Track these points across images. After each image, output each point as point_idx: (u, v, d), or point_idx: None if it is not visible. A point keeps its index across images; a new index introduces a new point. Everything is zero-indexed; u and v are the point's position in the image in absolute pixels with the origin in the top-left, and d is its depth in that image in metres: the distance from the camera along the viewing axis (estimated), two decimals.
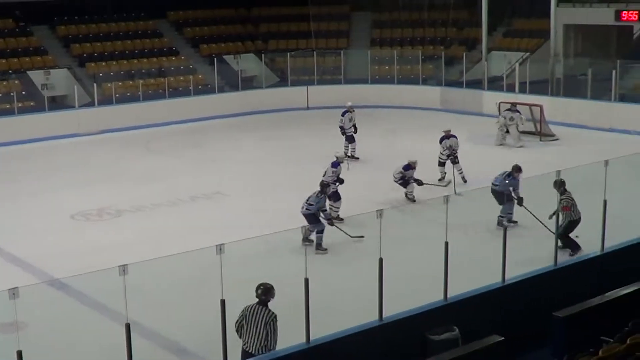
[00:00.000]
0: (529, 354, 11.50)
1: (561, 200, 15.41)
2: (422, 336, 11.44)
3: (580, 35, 38.66)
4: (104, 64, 35.24)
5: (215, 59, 35.39)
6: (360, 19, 42.14)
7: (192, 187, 22.16)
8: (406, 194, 20.00)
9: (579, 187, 18.14)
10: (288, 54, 37.17)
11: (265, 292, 10.25)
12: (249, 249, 13.51)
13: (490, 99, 31.75)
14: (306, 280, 10.43)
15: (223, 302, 9.95)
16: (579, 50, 38.39)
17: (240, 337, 10.40)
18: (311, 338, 10.61)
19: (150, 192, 21.73)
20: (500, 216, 17.03)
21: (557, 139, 27.59)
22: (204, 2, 40.36)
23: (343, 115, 25.56)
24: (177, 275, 14.27)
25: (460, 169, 22.03)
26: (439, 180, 21.93)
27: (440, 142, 22.69)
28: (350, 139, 25.52)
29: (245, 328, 10.32)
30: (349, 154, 25.22)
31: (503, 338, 10.77)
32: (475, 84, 34.66)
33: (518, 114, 27.09)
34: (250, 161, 25.70)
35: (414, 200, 19.73)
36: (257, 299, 10.31)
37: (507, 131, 27.02)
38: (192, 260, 12.78)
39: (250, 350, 10.29)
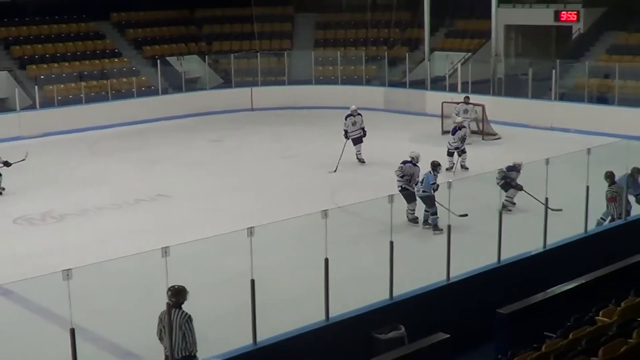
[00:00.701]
0: (474, 351, 11.62)
1: (607, 192, 16.04)
2: (368, 335, 11.51)
3: (521, 36, 39.23)
4: (45, 66, 34.81)
5: (158, 61, 35.15)
6: (304, 20, 42.18)
7: (137, 189, 22.02)
8: (507, 199, 18.41)
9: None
10: (232, 55, 37.09)
11: (176, 294, 9.97)
12: (195, 251, 13.49)
13: (433, 99, 32.02)
14: (252, 282, 10.43)
15: (169, 305, 9.92)
16: (520, 50, 38.93)
17: (162, 343, 10.28)
18: (258, 339, 10.62)
19: (94, 195, 21.54)
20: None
21: (499, 138, 27.92)
22: (147, 4, 40.08)
23: (346, 119, 25.07)
24: (122, 279, 14.20)
25: (465, 159, 23.15)
26: (447, 169, 22.49)
27: (454, 134, 23.33)
28: (356, 141, 24.95)
29: (164, 333, 10.15)
30: (358, 158, 24.93)
31: (448, 336, 10.88)
32: (419, 85, 34.91)
33: (472, 106, 27.46)
34: (195, 163, 25.61)
35: (513, 204, 18.50)
36: (169, 303, 10.03)
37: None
38: (137, 264, 12.70)
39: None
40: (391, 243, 11.80)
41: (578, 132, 27.55)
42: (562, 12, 35.76)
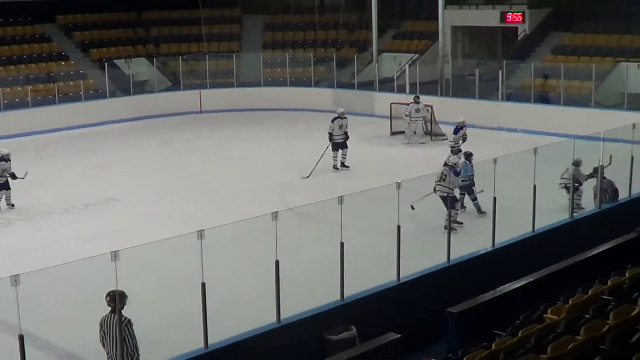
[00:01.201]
0: (425, 350, 11.69)
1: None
2: (320, 336, 11.55)
3: (468, 37, 39.56)
4: None
5: (106, 64, 34.92)
6: (252, 21, 42.12)
7: (86, 193, 21.82)
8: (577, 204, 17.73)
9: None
10: (180, 57, 36.90)
11: (115, 299, 9.88)
12: (145, 254, 13.40)
13: (382, 100, 32.16)
14: (203, 285, 10.41)
15: (119, 309, 9.86)
16: (467, 51, 39.25)
17: (104, 349, 10.21)
18: (209, 342, 10.60)
19: (42, 200, 21.29)
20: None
21: (447, 139, 28.09)
22: (94, 6, 39.67)
23: (333, 121, 24.52)
24: (71, 284, 14.06)
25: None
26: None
27: (456, 133, 23.63)
28: (341, 146, 24.33)
29: (105, 339, 10.11)
30: (339, 165, 24.29)
31: (399, 335, 10.95)
32: (367, 86, 35.06)
33: (422, 105, 27.66)
34: (145, 166, 25.47)
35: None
36: (109, 308, 10.00)
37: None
38: (86, 268, 12.60)
39: None
40: (341, 244, 11.86)
41: (525, 131, 27.86)
42: (508, 14, 36.12)
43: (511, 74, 32.73)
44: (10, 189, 20.62)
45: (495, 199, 14.25)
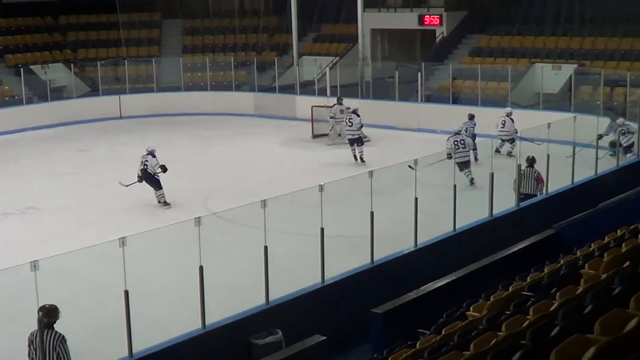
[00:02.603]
0: (351, 351, 11.79)
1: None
2: (246, 341, 11.55)
3: (387, 39, 39.90)
4: None
5: (22, 69, 34.26)
6: (171, 26, 41.85)
7: (3, 202, 21.41)
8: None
9: (390, 186, 18.76)
10: (98, 62, 36.45)
11: (48, 314, 9.59)
12: (66, 263, 13.23)
13: (303, 104, 32.25)
14: (126, 292, 10.34)
15: (41, 322, 9.70)
16: (386, 54, 39.58)
17: None
18: (134, 350, 10.52)
19: None
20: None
21: (368, 140, 28.27)
22: (9, 11, 38.95)
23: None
24: None
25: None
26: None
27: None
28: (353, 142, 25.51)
29: (35, 356, 9.74)
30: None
31: (325, 337, 11.02)
32: (288, 89, 35.10)
33: (345, 106, 27.82)
34: (64, 173, 25.09)
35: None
36: (39, 323, 9.66)
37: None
38: (5, 279, 12.37)
39: None
40: (265, 248, 11.87)
41: (444, 132, 28.14)
42: (426, 16, 36.54)
43: (430, 76, 33.13)
44: None
45: (416, 199, 14.40)
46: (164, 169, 20.68)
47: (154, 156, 20.86)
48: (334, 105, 28.21)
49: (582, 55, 31.73)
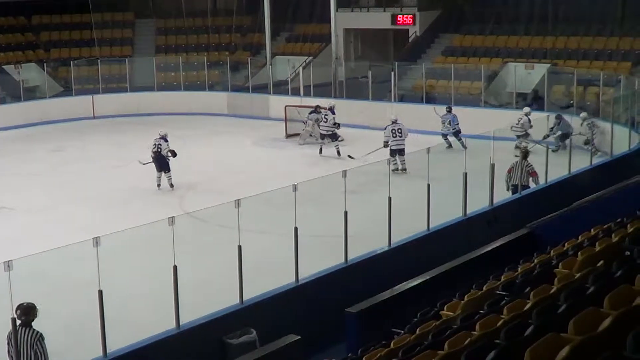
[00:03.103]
0: (326, 350, 11.78)
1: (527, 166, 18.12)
2: (220, 341, 11.53)
3: (360, 39, 39.97)
4: None
5: None
6: (144, 26, 41.70)
7: None
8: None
9: (364, 185, 18.80)
10: (71, 62, 36.28)
11: (26, 312, 9.67)
12: (40, 263, 13.14)
13: (277, 103, 32.23)
14: (100, 292, 10.29)
15: (14, 320, 9.66)
16: (360, 54, 39.65)
17: None
18: (108, 350, 10.47)
19: None
20: None
21: (341, 140, 28.28)
22: None
23: (385, 128, 24.87)
24: None
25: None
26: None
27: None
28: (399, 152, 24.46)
29: (13, 354, 9.75)
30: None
31: (300, 337, 11.02)
32: (261, 89, 35.06)
33: (321, 114, 27.84)
34: (37, 174, 24.89)
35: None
36: (13, 322, 9.68)
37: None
38: None
39: None
40: (239, 247, 11.86)
41: (418, 132, 28.19)
42: (399, 16, 36.62)
43: (403, 76, 33.19)
44: None
45: (390, 199, 14.42)
46: (173, 153, 22.40)
47: (166, 140, 22.57)
48: (312, 113, 28.00)
49: (555, 54, 31.93)
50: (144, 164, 22.53)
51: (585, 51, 31.58)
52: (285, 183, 13.50)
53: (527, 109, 25.65)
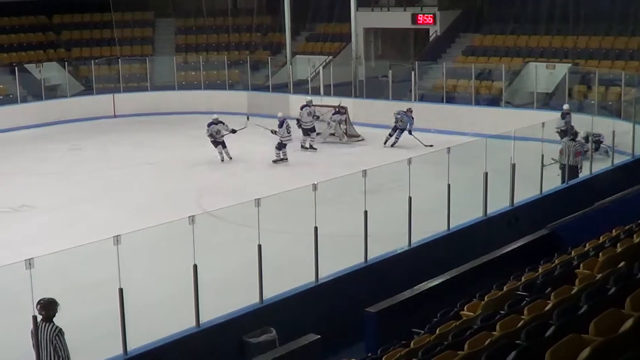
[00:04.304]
0: (345, 350, 11.78)
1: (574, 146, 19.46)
2: (240, 340, 11.54)
3: (380, 38, 39.91)
4: None
5: (16, 68, 34.12)
6: (165, 25, 41.80)
7: None
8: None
9: (384, 185, 18.79)
10: (92, 61, 36.42)
11: (45, 307, 9.74)
12: (61, 261, 13.20)
13: (297, 103, 32.19)
14: (120, 290, 10.32)
15: (35, 318, 9.71)
16: (380, 53, 39.59)
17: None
18: (129, 349, 10.50)
19: None
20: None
21: (362, 139, 28.30)
22: (3, 10, 38.85)
23: (301, 109, 26.98)
24: None
25: None
26: None
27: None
28: (307, 132, 26.87)
29: (37, 348, 9.86)
30: (307, 145, 27.02)
31: (319, 336, 11.01)
32: (281, 88, 35.08)
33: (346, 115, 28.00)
34: (58, 172, 25.03)
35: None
36: (39, 317, 9.79)
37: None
38: (1, 276, 12.34)
39: None
40: (259, 246, 11.87)
41: (438, 132, 28.18)
42: (419, 15, 36.52)
43: (423, 75, 33.13)
44: None
45: (410, 198, 14.40)
46: (233, 131, 25.68)
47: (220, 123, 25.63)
48: (335, 113, 28.10)
49: (576, 54, 31.77)
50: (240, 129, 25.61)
51: (606, 51, 31.41)
52: (305, 182, 13.55)
53: (566, 106, 25.24)
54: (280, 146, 25.24)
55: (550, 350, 5.82)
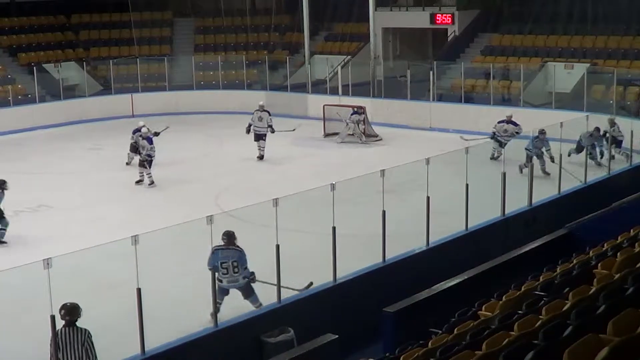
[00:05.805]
0: (363, 349, 11.78)
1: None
2: (257, 340, 11.56)
3: (399, 38, 39.86)
4: None
5: (35, 68, 34.32)
6: (183, 25, 41.90)
7: (16, 200, 21.35)
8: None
9: (402, 185, 18.78)
10: (110, 61, 36.55)
11: (69, 312, 9.80)
12: (79, 261, 13.26)
13: (315, 102, 32.27)
14: (138, 290, 10.35)
15: (53, 317, 9.74)
16: (398, 53, 39.54)
17: None
18: (146, 348, 10.53)
19: None
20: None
21: (380, 139, 28.29)
22: (22, 10, 39.09)
23: (253, 113, 26.40)
24: (3, 293, 13.83)
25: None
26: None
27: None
28: (258, 137, 25.99)
29: (63, 354, 9.84)
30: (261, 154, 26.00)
31: (337, 336, 11.02)
32: (300, 88, 35.11)
33: (364, 115, 28.01)
34: (76, 172, 25.12)
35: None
36: (63, 322, 9.85)
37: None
38: (19, 276, 12.42)
39: None
40: (277, 246, 11.88)
41: (456, 131, 28.12)
42: (438, 15, 36.48)
43: (442, 75, 33.08)
44: None
45: (428, 198, 14.39)
46: (156, 134, 24.37)
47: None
48: (353, 114, 28.10)
49: (594, 54, 31.66)
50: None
51: (625, 51, 31.28)
52: (323, 182, 13.56)
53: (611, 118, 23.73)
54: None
55: (568, 350, 5.81)
